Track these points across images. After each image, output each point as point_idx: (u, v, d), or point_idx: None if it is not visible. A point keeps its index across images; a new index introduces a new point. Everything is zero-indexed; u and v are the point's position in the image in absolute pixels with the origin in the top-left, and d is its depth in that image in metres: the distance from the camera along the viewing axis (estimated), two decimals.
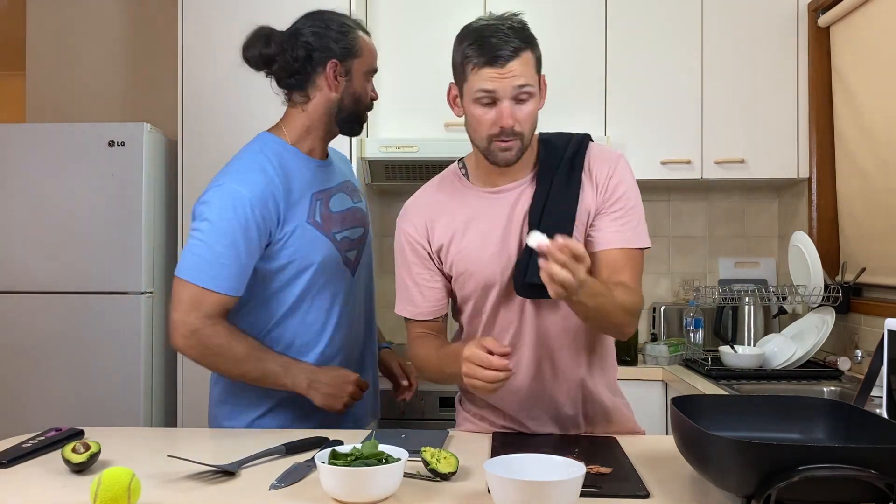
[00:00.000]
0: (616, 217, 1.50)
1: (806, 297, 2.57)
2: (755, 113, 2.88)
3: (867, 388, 1.35)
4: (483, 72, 1.43)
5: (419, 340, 1.61)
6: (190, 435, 1.67)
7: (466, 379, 1.33)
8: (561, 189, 1.49)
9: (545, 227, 1.41)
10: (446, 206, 1.57)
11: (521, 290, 1.49)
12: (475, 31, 1.46)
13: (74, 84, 3.44)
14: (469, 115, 1.48)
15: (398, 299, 1.63)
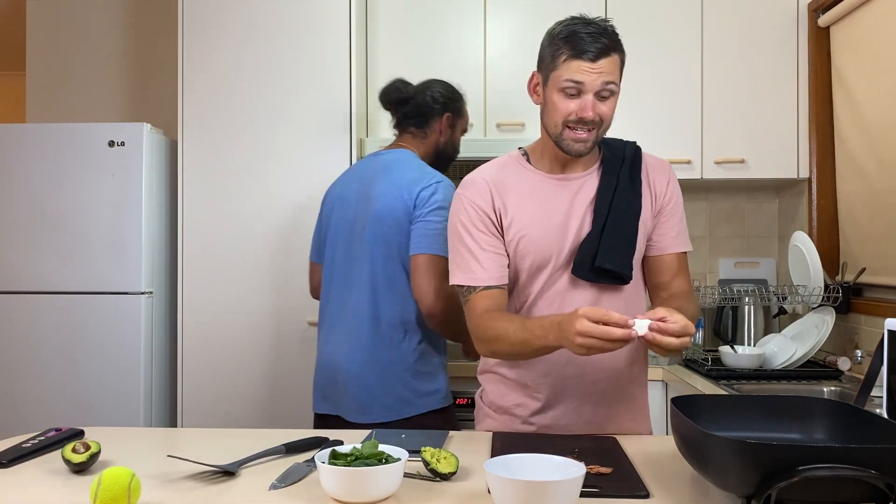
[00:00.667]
0: (674, 223, 1.63)
1: (806, 297, 2.56)
2: (755, 113, 2.88)
3: (867, 388, 1.35)
4: (574, 63, 1.49)
5: (489, 315, 1.54)
6: (190, 435, 1.67)
7: (580, 338, 1.30)
8: (626, 186, 1.59)
9: (613, 217, 1.55)
10: (510, 184, 1.61)
11: (585, 274, 1.55)
12: (571, 26, 1.52)
13: (74, 84, 3.44)
14: (549, 102, 1.55)
15: (459, 271, 1.59)
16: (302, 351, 2.69)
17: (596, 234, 1.55)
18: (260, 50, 2.74)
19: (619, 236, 1.55)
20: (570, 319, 1.32)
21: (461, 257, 1.59)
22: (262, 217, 2.73)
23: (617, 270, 1.55)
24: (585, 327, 1.29)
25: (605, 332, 1.29)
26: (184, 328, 2.73)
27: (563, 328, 1.34)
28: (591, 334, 1.29)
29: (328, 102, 2.72)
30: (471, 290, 1.57)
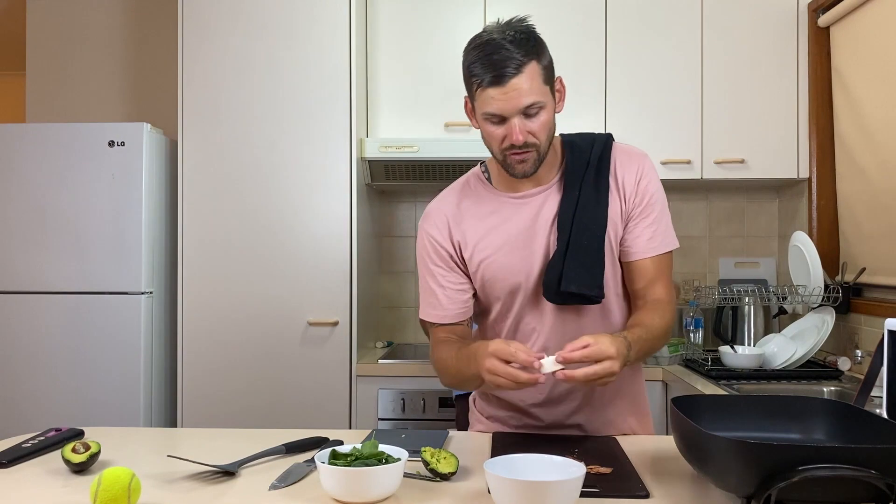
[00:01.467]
0: (648, 224, 1.50)
1: (806, 297, 2.56)
2: (755, 113, 2.88)
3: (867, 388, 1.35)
4: (487, 92, 1.38)
5: (441, 345, 1.54)
6: (190, 435, 1.67)
7: (488, 375, 1.28)
8: (590, 194, 1.48)
9: (576, 234, 1.45)
10: (470, 211, 1.56)
11: (553, 298, 1.47)
12: (478, 47, 1.40)
13: (74, 84, 3.44)
14: (483, 131, 1.46)
15: (422, 304, 1.60)
16: (302, 351, 2.69)
17: (560, 255, 1.45)
18: (260, 50, 2.74)
19: (582, 255, 1.45)
20: (481, 354, 1.30)
21: (423, 292, 1.60)
22: (262, 217, 2.73)
23: (583, 293, 1.45)
24: (493, 366, 1.27)
25: (511, 374, 1.26)
26: (184, 328, 2.73)
27: (477, 361, 1.32)
28: (498, 373, 1.27)
29: (328, 102, 2.72)
30: (431, 325, 1.60)
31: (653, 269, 1.50)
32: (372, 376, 2.67)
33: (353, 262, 2.72)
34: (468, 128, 2.91)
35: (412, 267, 3.32)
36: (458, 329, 1.57)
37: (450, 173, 2.88)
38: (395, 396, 2.65)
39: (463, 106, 1.51)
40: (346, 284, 2.71)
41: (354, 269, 2.72)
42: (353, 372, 2.69)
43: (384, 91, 2.97)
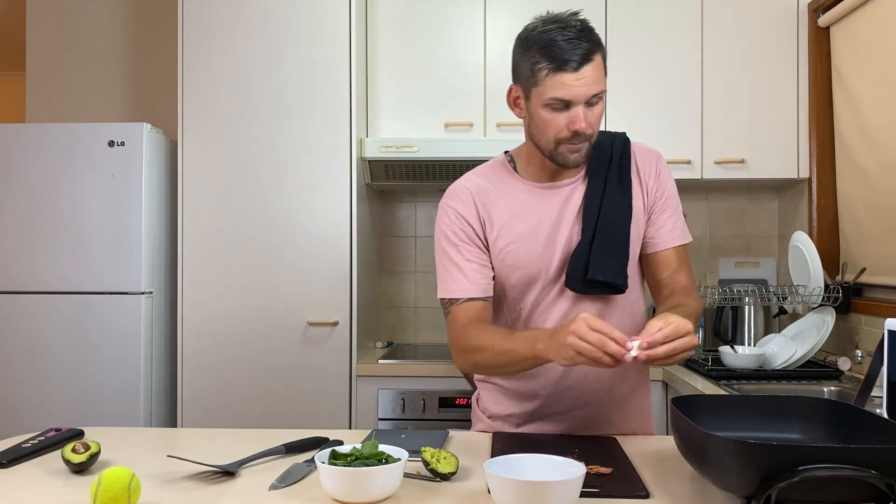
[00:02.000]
0: (668, 216, 1.56)
1: (806, 297, 2.57)
2: (755, 113, 2.88)
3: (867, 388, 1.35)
4: (557, 78, 1.38)
5: (473, 326, 1.47)
6: (190, 435, 1.67)
7: (572, 338, 1.21)
8: (615, 186, 1.52)
9: (603, 224, 1.49)
10: (497, 194, 1.55)
11: (578, 287, 1.50)
12: (547, 32, 1.39)
13: (74, 84, 3.44)
14: (537, 118, 1.44)
15: (443, 283, 1.54)
16: (302, 351, 2.69)
17: (586, 245, 1.49)
18: (260, 50, 2.74)
19: (610, 245, 1.49)
20: (568, 322, 1.26)
21: (445, 271, 1.54)
22: (262, 217, 2.73)
23: (611, 281, 1.48)
24: (581, 329, 1.22)
25: (601, 341, 1.21)
26: (184, 328, 2.73)
27: (557, 332, 1.27)
28: (587, 338, 1.21)
29: (328, 102, 2.72)
30: (452, 303, 1.52)
31: (675, 258, 1.55)
32: (372, 376, 2.67)
33: (353, 262, 2.72)
34: (468, 128, 2.92)
35: (412, 267, 3.32)
36: (484, 308, 1.52)
37: (450, 173, 2.88)
38: (395, 396, 2.65)
39: (506, 95, 1.51)
40: (346, 284, 2.71)
41: (354, 269, 2.72)
42: (353, 372, 2.69)
43: (384, 91, 2.97)
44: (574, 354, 1.23)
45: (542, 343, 1.30)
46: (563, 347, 1.24)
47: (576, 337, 1.22)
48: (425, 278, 3.30)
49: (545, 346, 1.30)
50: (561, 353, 1.25)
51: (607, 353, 1.21)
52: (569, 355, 1.24)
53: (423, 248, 3.32)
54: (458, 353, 1.50)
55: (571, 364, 1.25)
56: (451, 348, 1.52)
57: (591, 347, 1.21)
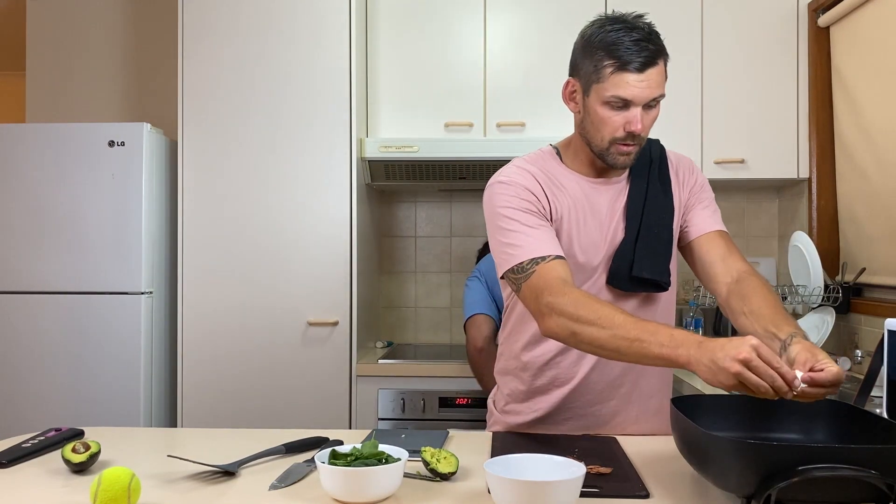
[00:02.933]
0: (705, 206, 1.58)
1: (806, 297, 2.56)
2: (755, 113, 2.88)
3: (867, 388, 1.35)
4: (621, 77, 1.40)
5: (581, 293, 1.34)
6: (190, 435, 1.67)
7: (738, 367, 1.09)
8: (658, 187, 1.54)
9: (647, 223, 1.50)
10: (553, 181, 1.52)
11: (622, 284, 1.49)
12: (620, 31, 1.41)
13: (74, 84, 3.44)
14: (594, 115, 1.45)
15: (518, 248, 1.43)
16: (302, 351, 2.69)
17: (630, 242, 1.49)
18: (260, 50, 2.74)
19: (654, 243, 1.50)
20: (734, 344, 1.12)
21: (521, 235, 1.43)
22: (262, 217, 2.73)
23: (655, 279, 1.49)
24: (754, 361, 1.09)
25: (771, 376, 1.10)
26: (184, 328, 2.73)
27: (712, 350, 1.13)
28: (757, 371, 1.09)
29: (328, 102, 2.72)
30: (535, 263, 1.40)
31: (722, 242, 1.53)
32: (372, 376, 2.67)
33: (353, 262, 2.72)
34: (468, 128, 2.92)
35: (412, 267, 3.32)
36: (568, 270, 1.41)
37: (450, 173, 2.88)
38: (395, 396, 2.65)
39: (563, 88, 1.51)
40: (346, 284, 2.71)
41: (354, 269, 2.72)
42: (353, 372, 2.69)
43: (384, 91, 2.97)
44: (735, 383, 1.11)
45: (688, 352, 1.17)
46: (722, 371, 1.11)
47: (744, 367, 1.10)
48: (425, 278, 3.30)
49: (692, 358, 1.17)
50: (719, 376, 1.12)
51: (773, 388, 1.11)
52: (729, 382, 1.11)
53: (423, 248, 3.32)
54: (555, 317, 1.34)
55: (726, 386, 1.13)
56: (539, 310, 1.37)
57: (758, 381, 1.10)
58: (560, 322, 1.33)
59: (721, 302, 1.49)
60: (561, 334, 1.34)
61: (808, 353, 1.19)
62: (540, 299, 1.36)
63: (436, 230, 3.32)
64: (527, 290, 1.40)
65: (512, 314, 1.62)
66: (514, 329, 1.62)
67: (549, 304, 1.34)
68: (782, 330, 1.29)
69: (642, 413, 1.60)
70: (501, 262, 1.46)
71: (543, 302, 1.36)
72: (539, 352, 1.57)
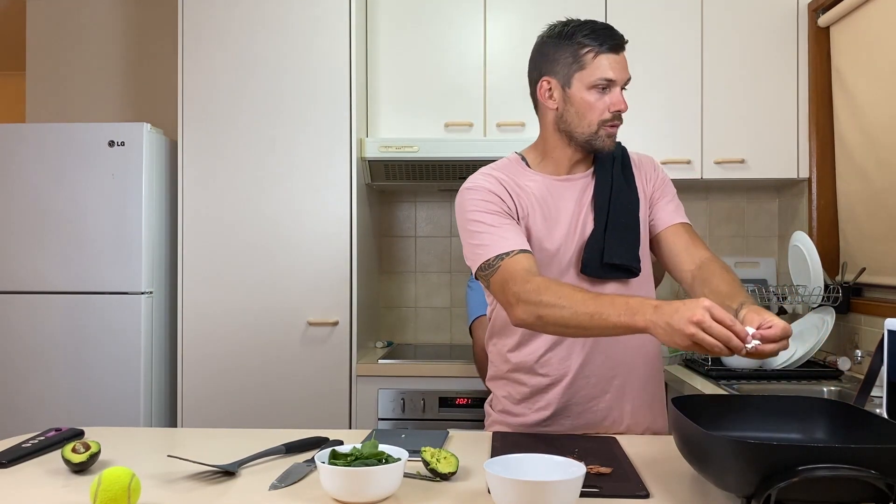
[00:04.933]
0: (669, 200, 1.67)
1: (806, 297, 2.56)
2: (755, 113, 2.88)
3: (867, 388, 1.35)
4: (602, 59, 1.50)
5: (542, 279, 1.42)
6: (190, 435, 1.67)
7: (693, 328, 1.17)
8: (621, 180, 1.62)
9: (614, 212, 1.58)
10: (519, 185, 1.59)
11: (595, 272, 1.55)
12: (584, 23, 1.53)
13: (74, 84, 3.44)
14: (579, 103, 1.54)
15: (484, 246, 1.50)
16: (302, 351, 2.69)
17: (600, 232, 1.56)
18: (260, 50, 2.74)
19: (623, 231, 1.57)
20: (689, 307, 1.20)
21: (486, 234, 1.51)
22: (262, 217, 2.73)
23: (626, 264, 1.56)
24: (706, 322, 1.17)
25: (725, 336, 1.18)
26: (184, 328, 2.73)
27: (668, 314, 1.21)
28: (712, 331, 1.17)
29: (328, 102, 2.72)
30: (500, 259, 1.47)
31: (686, 233, 1.63)
32: (372, 376, 2.67)
33: (353, 262, 2.72)
34: (468, 128, 2.92)
35: (412, 267, 3.32)
36: (534, 262, 1.48)
37: (450, 173, 2.88)
38: (395, 396, 2.65)
39: (537, 90, 1.58)
40: (346, 284, 2.71)
41: (354, 269, 2.72)
42: (353, 372, 2.69)
43: (384, 91, 2.97)
44: (690, 344, 1.20)
45: (645, 318, 1.25)
46: (677, 333, 1.20)
47: (699, 329, 1.18)
48: (425, 278, 3.30)
49: (649, 322, 1.25)
50: (674, 337, 1.21)
51: (728, 347, 1.18)
52: (684, 343, 1.20)
53: (423, 248, 3.32)
54: (521, 305, 1.40)
55: (683, 346, 1.21)
56: (507, 300, 1.44)
57: (713, 341, 1.18)
58: (526, 309, 1.39)
59: (686, 288, 1.59)
60: (528, 320, 1.41)
61: (756, 315, 1.26)
62: (506, 290, 1.44)
63: (436, 230, 3.32)
64: (494, 284, 1.49)
65: (497, 319, 1.67)
66: (501, 332, 1.66)
67: (515, 294, 1.41)
68: (736, 301, 1.38)
69: (638, 406, 1.63)
70: (472, 263, 1.54)
71: (510, 292, 1.43)
72: (528, 350, 1.61)
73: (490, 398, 1.74)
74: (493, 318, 1.68)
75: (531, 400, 1.62)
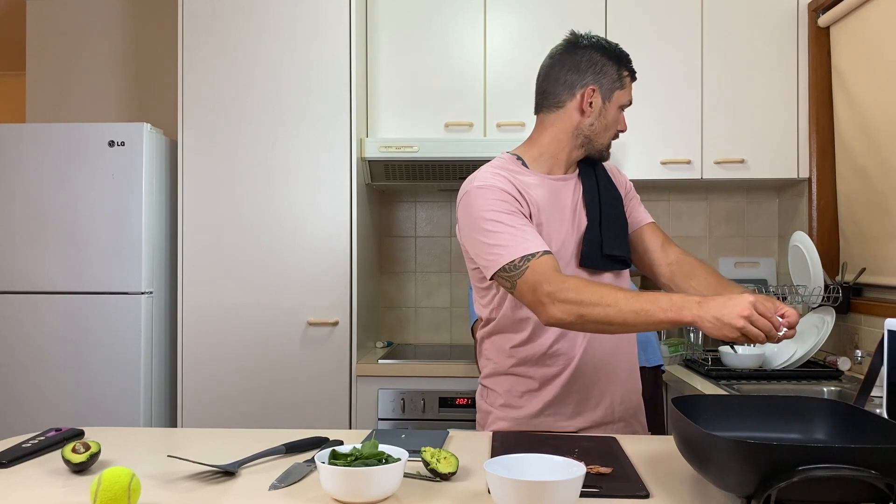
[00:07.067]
0: (639, 202, 1.81)
1: (806, 297, 2.56)
2: (755, 113, 2.88)
3: (867, 388, 1.35)
4: (633, 86, 1.70)
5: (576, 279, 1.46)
6: (190, 435, 1.67)
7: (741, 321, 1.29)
8: (604, 180, 1.72)
9: (606, 208, 1.67)
10: (521, 184, 1.63)
11: (595, 263, 1.63)
12: (617, 48, 1.68)
13: (74, 84, 3.44)
14: (610, 117, 1.67)
15: (507, 247, 1.51)
16: (302, 351, 2.69)
17: (595, 226, 1.65)
18: (260, 50, 2.74)
19: (616, 224, 1.68)
20: (737, 302, 1.30)
21: (509, 235, 1.51)
22: (261, 217, 2.73)
23: (622, 255, 1.66)
24: (754, 316, 1.29)
25: (768, 327, 1.30)
26: (184, 328, 2.73)
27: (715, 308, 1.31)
28: (757, 324, 1.29)
29: (328, 102, 2.72)
30: (527, 260, 1.48)
31: (659, 232, 1.77)
32: (372, 376, 2.67)
33: (353, 262, 2.72)
34: (468, 128, 2.92)
35: (412, 267, 3.32)
36: (557, 262, 1.51)
37: (450, 173, 2.88)
38: (395, 396, 2.65)
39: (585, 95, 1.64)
40: (346, 284, 2.71)
41: (354, 269, 2.72)
42: (353, 372, 2.69)
43: (384, 91, 2.97)
44: (739, 336, 1.31)
45: (692, 312, 1.34)
46: (727, 326, 1.30)
47: (747, 322, 1.29)
48: (425, 278, 3.30)
49: (696, 316, 1.33)
50: (723, 330, 1.31)
51: (771, 336, 1.31)
52: (734, 335, 1.31)
53: (423, 248, 3.32)
54: (558, 304, 1.42)
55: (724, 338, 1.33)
56: (539, 300, 1.45)
57: (757, 332, 1.30)
58: (564, 308, 1.42)
59: (665, 282, 1.72)
60: (567, 319, 1.43)
61: (771, 303, 1.33)
62: (538, 291, 1.45)
63: (436, 230, 3.32)
64: (523, 285, 1.48)
65: (503, 318, 1.67)
66: (507, 329, 1.67)
67: (550, 294, 1.43)
68: (732, 291, 1.50)
69: (626, 393, 1.70)
70: (490, 263, 1.53)
71: (543, 292, 1.44)
72: (537, 344, 1.65)
73: (485, 395, 1.74)
74: (497, 317, 1.67)
75: (536, 391, 1.65)
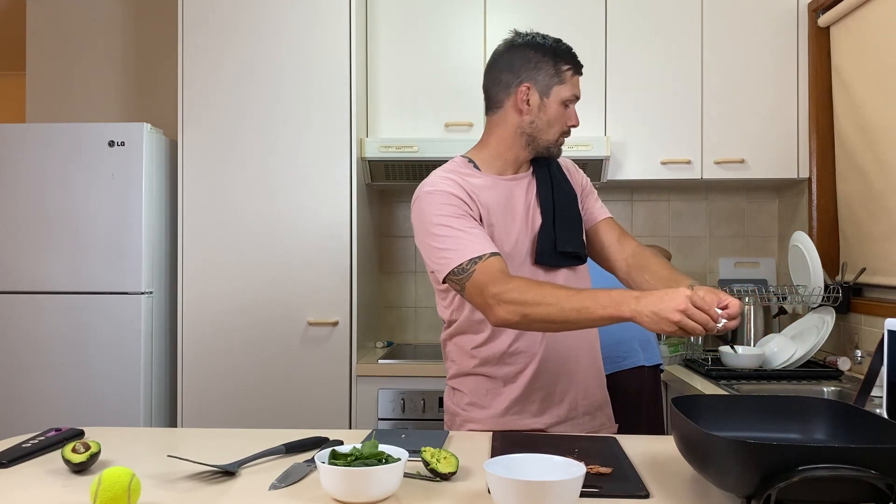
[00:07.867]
0: (596, 198, 1.83)
1: (806, 297, 2.57)
2: (755, 113, 2.88)
3: (867, 388, 1.35)
4: (575, 79, 1.67)
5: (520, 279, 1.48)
6: (190, 435, 1.67)
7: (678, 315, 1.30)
8: (558, 177, 1.73)
9: (560, 205, 1.68)
10: (474, 184, 1.64)
11: (549, 260, 1.64)
12: (556, 43, 1.66)
13: (74, 84, 3.44)
14: (551, 113, 1.65)
15: (455, 251, 1.53)
16: (302, 351, 2.69)
17: (549, 224, 1.66)
18: (260, 50, 2.74)
19: (569, 221, 1.69)
20: (672, 296, 1.31)
21: (455, 239, 1.54)
22: (261, 217, 2.73)
23: (576, 251, 1.68)
24: (690, 310, 1.30)
25: (705, 320, 1.31)
26: (184, 328, 2.73)
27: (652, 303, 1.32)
28: (694, 318, 1.30)
29: (328, 102, 2.72)
30: (474, 263, 1.50)
31: (616, 226, 1.78)
32: (372, 376, 2.67)
33: (353, 262, 2.72)
34: (468, 128, 2.92)
35: (412, 267, 3.32)
36: (505, 264, 1.53)
37: None
38: (395, 396, 2.65)
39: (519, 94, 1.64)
40: (346, 284, 2.71)
41: (354, 269, 2.72)
42: (353, 372, 2.69)
43: (384, 91, 2.97)
44: (676, 329, 1.32)
45: (630, 308, 1.35)
46: (664, 321, 1.32)
47: (683, 315, 1.31)
48: (425, 278, 3.30)
49: (634, 311, 1.34)
50: (661, 324, 1.32)
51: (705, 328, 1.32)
52: (670, 329, 1.33)
53: None
54: (504, 305, 1.44)
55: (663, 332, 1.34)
56: (486, 302, 1.47)
57: (694, 325, 1.31)
58: (509, 308, 1.45)
59: (622, 276, 1.72)
60: (512, 319, 1.46)
61: (713, 294, 1.35)
62: (485, 293, 1.48)
63: None
64: (471, 287, 1.51)
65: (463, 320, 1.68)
66: (467, 330, 1.69)
67: (496, 295, 1.46)
68: (681, 283, 1.51)
69: (589, 388, 1.72)
70: (440, 267, 1.56)
71: (489, 294, 1.47)
72: (496, 343, 1.66)
73: (451, 395, 1.75)
74: (458, 319, 1.69)
75: (500, 390, 1.67)
